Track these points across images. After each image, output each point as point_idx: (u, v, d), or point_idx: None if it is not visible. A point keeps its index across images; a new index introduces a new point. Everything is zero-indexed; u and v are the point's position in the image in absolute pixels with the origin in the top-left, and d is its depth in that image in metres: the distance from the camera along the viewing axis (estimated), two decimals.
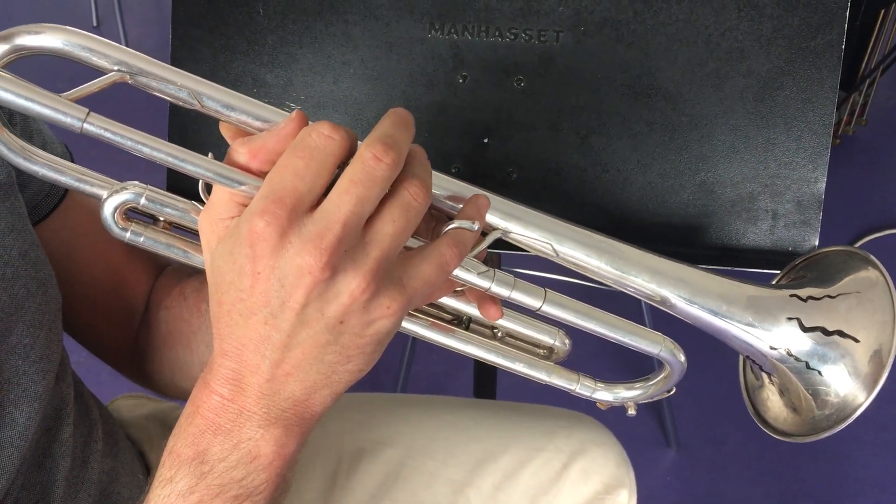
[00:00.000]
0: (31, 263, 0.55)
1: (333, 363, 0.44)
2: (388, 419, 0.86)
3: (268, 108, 0.45)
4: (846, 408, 0.56)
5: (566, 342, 0.61)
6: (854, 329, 0.56)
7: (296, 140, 0.42)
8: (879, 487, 1.60)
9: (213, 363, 0.45)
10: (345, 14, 0.76)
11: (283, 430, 0.45)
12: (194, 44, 0.77)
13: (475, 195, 0.49)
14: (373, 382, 1.74)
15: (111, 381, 0.82)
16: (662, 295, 0.54)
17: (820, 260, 0.62)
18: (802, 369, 0.57)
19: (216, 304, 0.44)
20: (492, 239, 0.50)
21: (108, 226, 0.49)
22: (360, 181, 0.41)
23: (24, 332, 0.54)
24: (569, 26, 0.75)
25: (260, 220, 0.40)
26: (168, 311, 0.68)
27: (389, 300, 0.43)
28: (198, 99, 0.44)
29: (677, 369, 0.59)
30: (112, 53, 0.43)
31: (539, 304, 0.53)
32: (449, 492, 0.82)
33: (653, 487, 1.60)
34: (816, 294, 0.57)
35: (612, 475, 0.85)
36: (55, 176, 0.48)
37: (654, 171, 0.76)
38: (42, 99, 0.42)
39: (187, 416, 0.46)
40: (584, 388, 0.61)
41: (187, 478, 0.44)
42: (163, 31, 2.83)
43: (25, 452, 0.54)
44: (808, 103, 0.74)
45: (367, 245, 0.42)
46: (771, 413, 0.61)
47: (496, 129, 0.77)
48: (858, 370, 0.55)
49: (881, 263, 0.57)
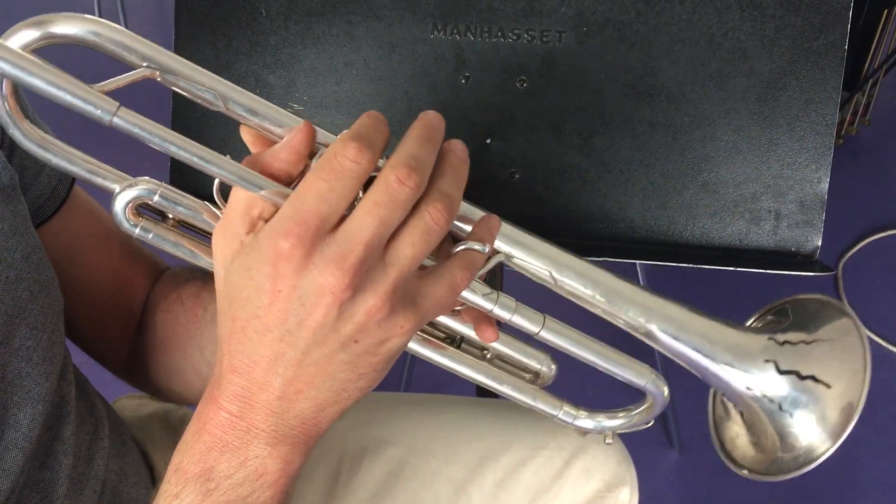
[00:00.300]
0: (33, 266, 0.55)
1: (345, 381, 0.45)
2: (391, 418, 0.86)
3: (290, 115, 0.45)
4: (812, 453, 0.58)
5: (552, 367, 0.62)
6: (826, 375, 0.57)
7: (322, 160, 0.42)
8: (881, 489, 1.60)
9: (222, 379, 0.45)
10: (347, 15, 0.76)
11: (289, 447, 0.45)
12: (197, 44, 0.77)
13: (486, 216, 0.49)
14: None
15: (115, 382, 0.82)
16: (648, 329, 0.55)
17: (797, 305, 0.64)
18: (775, 410, 0.58)
19: (230, 319, 0.44)
20: (494, 262, 0.51)
21: (118, 220, 0.49)
22: (384, 203, 0.41)
23: (27, 334, 0.54)
24: (571, 27, 0.75)
25: (285, 241, 0.41)
26: (165, 315, 0.68)
27: (404, 320, 0.44)
28: (224, 102, 0.45)
29: (660, 402, 0.61)
30: (142, 49, 0.43)
31: (537, 330, 0.53)
32: (451, 490, 0.82)
33: (655, 488, 1.60)
34: (793, 339, 0.59)
35: (613, 473, 0.85)
36: (68, 166, 0.48)
37: (656, 172, 0.76)
38: (74, 88, 0.42)
39: (194, 432, 0.46)
40: (566, 415, 0.62)
41: (193, 494, 0.45)
42: (166, 31, 2.83)
43: (29, 453, 0.54)
44: (811, 103, 0.74)
45: (387, 267, 0.42)
46: (738, 451, 0.63)
47: (499, 130, 0.77)
48: (827, 417, 0.57)
49: (877, 267, 0.58)
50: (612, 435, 0.65)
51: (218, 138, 0.80)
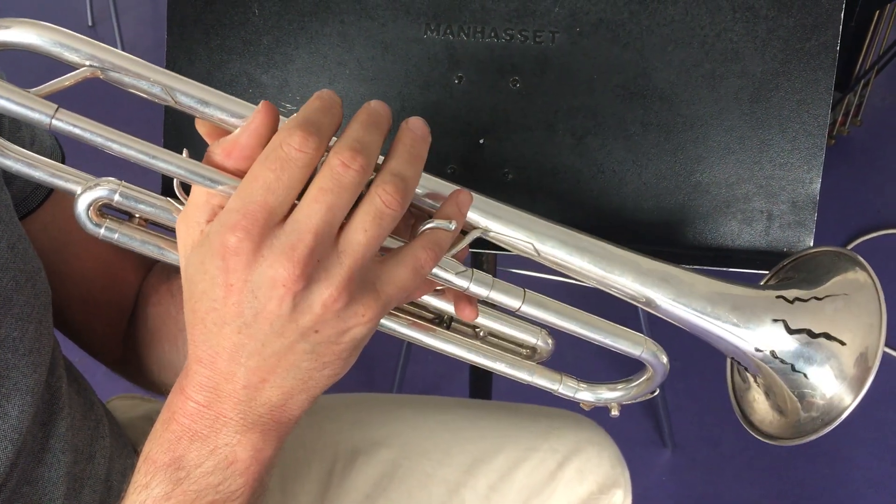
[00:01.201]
0: (19, 256, 0.55)
1: (309, 370, 0.44)
2: (384, 420, 0.86)
3: (242, 103, 0.45)
4: (832, 410, 0.55)
5: (549, 342, 0.60)
6: (840, 331, 0.55)
7: (267, 149, 0.42)
8: (875, 488, 1.60)
9: (189, 369, 0.45)
10: (340, 14, 0.76)
11: (259, 434, 0.45)
12: (190, 44, 0.77)
13: (456, 191, 0.48)
14: (368, 383, 1.74)
15: (106, 382, 0.82)
16: (647, 296, 0.53)
17: (808, 261, 0.62)
18: (788, 371, 0.56)
19: (190, 311, 0.44)
20: (471, 238, 0.49)
21: (81, 222, 0.49)
22: (329, 189, 0.41)
23: (12, 324, 0.53)
24: (564, 27, 0.75)
25: (232, 235, 0.40)
26: (155, 307, 0.68)
27: (364, 308, 0.43)
28: (171, 95, 0.44)
29: (660, 371, 0.59)
30: (83, 48, 0.42)
31: (518, 305, 0.52)
32: (444, 492, 0.82)
33: (648, 487, 1.60)
34: (803, 296, 0.57)
35: (606, 475, 0.85)
36: (28, 171, 0.48)
37: (649, 172, 0.76)
38: (9, 94, 0.41)
39: (163, 422, 0.46)
40: (567, 389, 0.61)
41: (163, 483, 0.44)
42: (158, 31, 2.83)
43: (20, 446, 0.54)
44: (802, 104, 0.74)
45: (340, 254, 0.42)
46: (757, 415, 0.61)
47: (492, 130, 0.77)
48: (844, 373, 0.55)
49: (870, 265, 0.57)
50: (617, 407, 0.63)
51: None
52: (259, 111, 0.43)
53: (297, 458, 0.81)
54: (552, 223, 0.52)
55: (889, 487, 1.60)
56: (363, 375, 1.75)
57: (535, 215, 0.51)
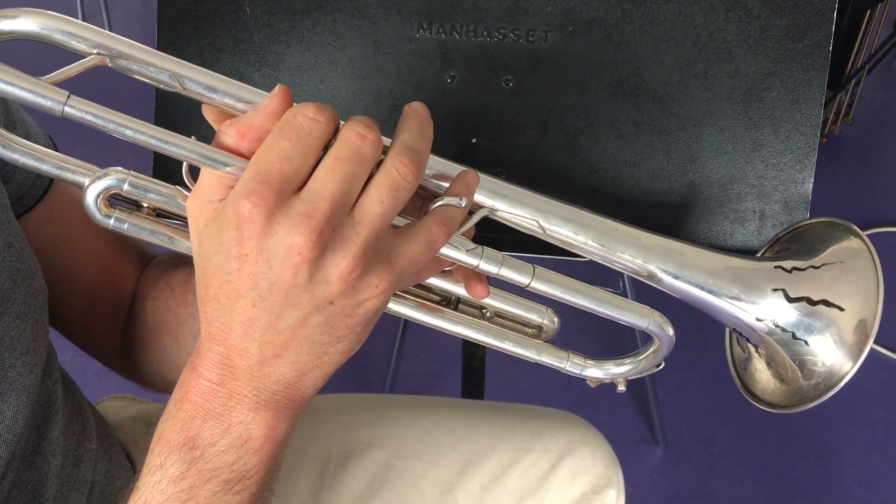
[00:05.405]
0: (15, 255, 0.54)
1: (323, 343, 0.44)
2: (376, 420, 0.86)
3: (251, 89, 0.45)
4: (832, 377, 0.56)
5: (555, 320, 0.61)
6: (838, 298, 0.56)
7: (281, 122, 0.42)
8: (866, 485, 1.61)
9: (201, 347, 0.45)
10: (332, 13, 0.76)
11: (273, 412, 0.44)
12: (180, 42, 0.76)
13: (463, 171, 0.48)
14: (360, 382, 1.74)
15: (97, 382, 0.81)
16: (650, 270, 0.54)
17: (803, 232, 0.63)
18: (789, 340, 0.57)
19: (202, 287, 0.44)
20: (478, 217, 0.50)
21: (90, 212, 0.49)
22: (346, 159, 0.41)
23: (9, 324, 0.53)
24: (557, 26, 0.75)
25: (247, 201, 0.40)
26: (154, 302, 0.68)
27: (378, 279, 0.43)
28: (179, 81, 0.44)
29: (666, 343, 0.60)
30: (91, 37, 0.42)
31: (528, 281, 0.52)
32: (436, 493, 0.82)
33: (640, 486, 1.61)
34: (801, 265, 0.58)
35: (599, 475, 0.85)
36: (35, 164, 0.48)
37: (642, 172, 0.76)
38: (21, 82, 0.41)
39: (176, 401, 0.45)
40: (574, 366, 0.61)
41: (178, 463, 0.44)
42: (148, 28, 2.81)
43: (14, 448, 0.53)
44: (795, 104, 0.74)
45: (356, 225, 0.42)
46: (759, 385, 0.62)
47: (484, 130, 0.76)
48: (844, 339, 0.56)
49: (863, 234, 0.57)
50: (624, 382, 0.64)
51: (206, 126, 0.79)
52: (276, 94, 0.43)
53: (289, 459, 0.81)
54: (556, 201, 0.52)
55: (880, 485, 1.61)
56: (355, 375, 1.75)
57: (540, 194, 0.52)
